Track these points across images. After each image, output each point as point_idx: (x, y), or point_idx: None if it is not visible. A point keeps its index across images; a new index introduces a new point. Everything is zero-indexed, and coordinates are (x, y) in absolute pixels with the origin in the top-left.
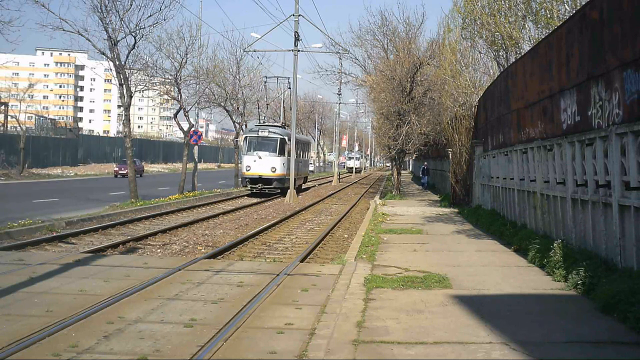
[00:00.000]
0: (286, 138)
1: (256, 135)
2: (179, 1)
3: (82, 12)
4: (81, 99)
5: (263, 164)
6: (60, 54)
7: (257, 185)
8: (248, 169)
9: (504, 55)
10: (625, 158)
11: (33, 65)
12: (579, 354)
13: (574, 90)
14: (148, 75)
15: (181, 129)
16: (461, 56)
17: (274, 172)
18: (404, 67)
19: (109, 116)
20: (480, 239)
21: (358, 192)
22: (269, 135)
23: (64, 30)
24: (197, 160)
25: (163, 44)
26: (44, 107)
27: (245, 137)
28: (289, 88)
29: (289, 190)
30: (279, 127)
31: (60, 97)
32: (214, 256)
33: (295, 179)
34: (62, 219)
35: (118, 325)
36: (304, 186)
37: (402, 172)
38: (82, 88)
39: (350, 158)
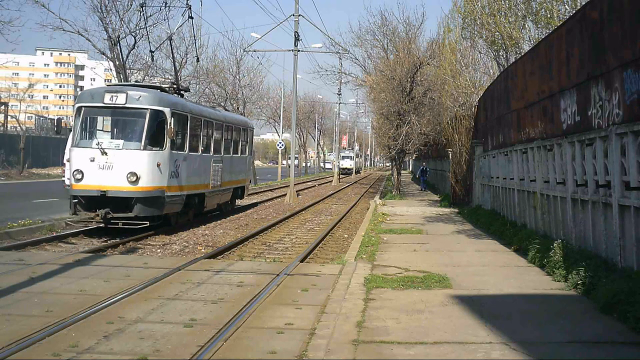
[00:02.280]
0: (167, 111)
1: (101, 104)
2: (180, 0)
3: (82, 12)
4: None
5: (111, 166)
6: (60, 54)
7: (97, 213)
8: (79, 176)
9: (504, 55)
10: (625, 158)
11: (33, 65)
12: (579, 354)
13: (574, 90)
14: (148, 75)
15: None
16: (461, 56)
17: (134, 182)
18: (404, 67)
19: None
20: (480, 239)
21: (358, 192)
22: (127, 105)
23: (64, 30)
24: None
25: (163, 44)
26: (44, 107)
27: (79, 109)
28: (190, 17)
29: (288, 190)
30: (154, 88)
31: (60, 97)
32: (214, 256)
33: (212, 192)
34: (62, 219)
35: (118, 325)
36: (240, 202)
37: (402, 172)
38: (82, 88)
39: (344, 157)
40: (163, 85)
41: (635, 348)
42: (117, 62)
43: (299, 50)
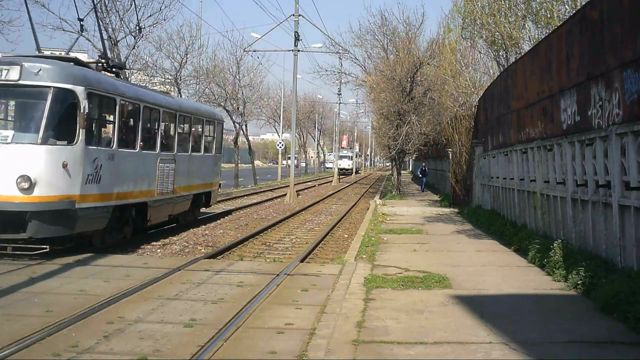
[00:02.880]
0: (79, 91)
1: None
2: (180, 0)
3: (82, 12)
4: None
5: None
6: (60, 54)
7: None
8: None
9: (504, 55)
10: (625, 158)
11: None
12: (579, 354)
13: (574, 90)
14: (148, 75)
15: None
16: (461, 56)
17: (27, 190)
18: (404, 67)
19: None
20: (480, 239)
21: (358, 192)
22: (22, 81)
23: (64, 30)
24: None
25: (163, 44)
26: None
27: None
28: None
29: (288, 190)
30: (67, 60)
31: None
32: (214, 256)
33: (159, 201)
34: None
35: (118, 325)
36: (205, 209)
37: (402, 172)
38: None
39: (342, 157)
40: (86, 60)
41: (635, 348)
42: (117, 62)
43: (299, 50)
